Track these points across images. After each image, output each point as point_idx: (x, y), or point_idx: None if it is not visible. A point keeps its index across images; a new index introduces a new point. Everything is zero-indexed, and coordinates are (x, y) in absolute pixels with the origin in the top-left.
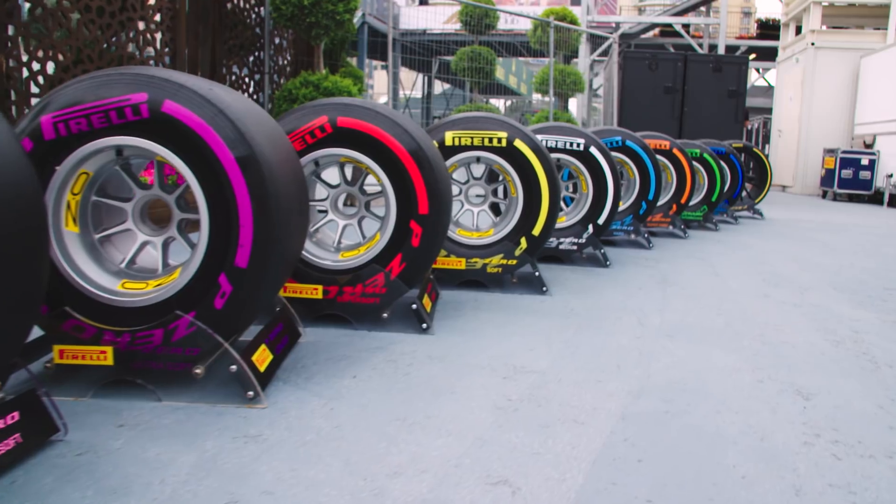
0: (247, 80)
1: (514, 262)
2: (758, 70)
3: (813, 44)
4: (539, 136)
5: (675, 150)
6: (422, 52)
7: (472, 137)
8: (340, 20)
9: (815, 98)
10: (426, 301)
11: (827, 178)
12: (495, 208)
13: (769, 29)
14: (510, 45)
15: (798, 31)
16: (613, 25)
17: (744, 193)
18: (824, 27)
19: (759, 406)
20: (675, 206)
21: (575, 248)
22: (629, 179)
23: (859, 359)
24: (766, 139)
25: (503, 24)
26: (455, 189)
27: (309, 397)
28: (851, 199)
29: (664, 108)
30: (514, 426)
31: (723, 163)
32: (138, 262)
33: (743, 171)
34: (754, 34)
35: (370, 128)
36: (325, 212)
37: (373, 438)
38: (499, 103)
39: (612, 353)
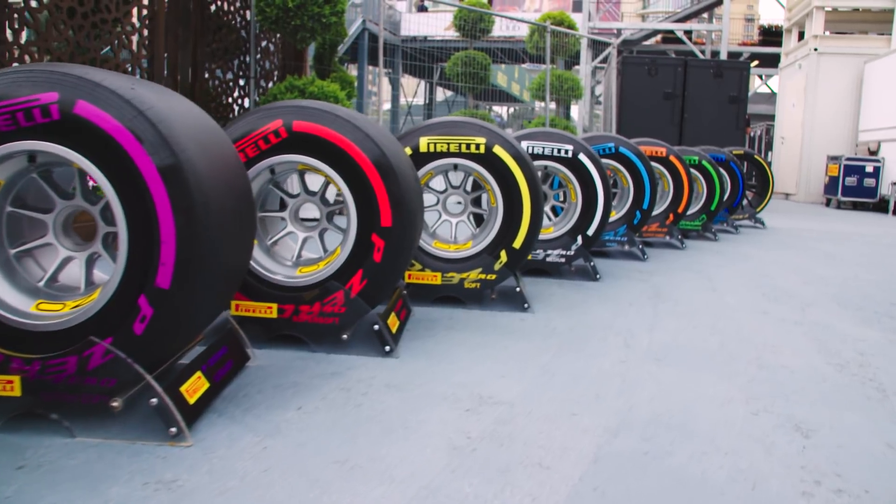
0: (231, 84)
1: (494, 276)
2: (760, 77)
3: (816, 49)
4: (525, 143)
5: (671, 157)
6: (423, 58)
7: (448, 143)
8: (327, 23)
9: (819, 104)
10: (392, 321)
11: (831, 186)
12: (480, 219)
13: (772, 35)
14: (511, 51)
15: (801, 36)
16: (615, 32)
17: (744, 202)
18: (827, 33)
19: (752, 445)
20: (671, 216)
21: (563, 260)
22: (623, 188)
23: (865, 386)
24: (769, 146)
25: (505, 30)
26: (432, 198)
27: (242, 433)
28: (856, 206)
29: (664, 114)
30: (469, 471)
31: (722, 170)
32: (61, 280)
33: (743, 178)
34: (757, 41)
35: (329, 133)
36: (285, 223)
37: (304, 485)
38: (501, 110)
39: (591, 380)
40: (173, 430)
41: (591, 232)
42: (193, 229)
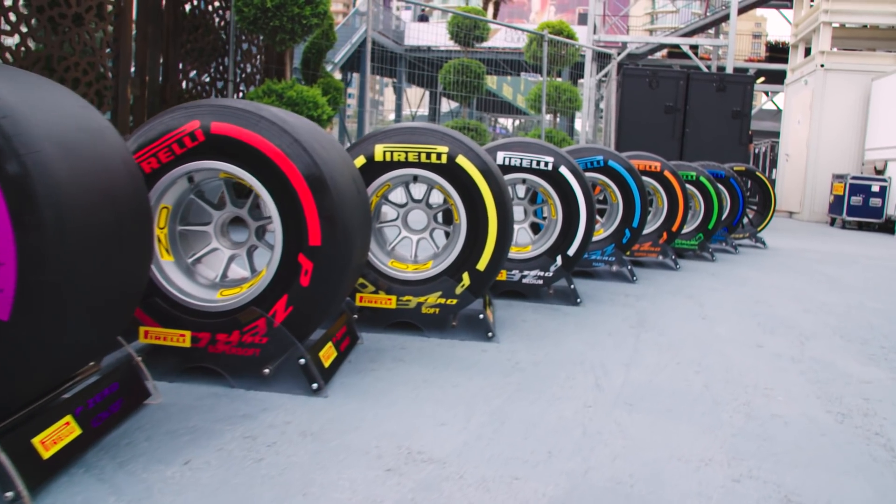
0: (208, 87)
1: (455, 301)
2: (766, 93)
3: (822, 65)
4: (501, 154)
5: (666, 173)
6: (427, 67)
7: (406, 152)
8: (307, 25)
9: (824, 121)
10: (327, 352)
11: (836, 205)
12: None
13: (778, 52)
14: (516, 62)
15: (807, 52)
16: (620, 45)
17: (745, 221)
18: (834, 49)
19: None
20: (665, 234)
21: (540, 282)
22: (612, 204)
23: (870, 443)
24: (774, 163)
25: (509, 41)
26: (392, 213)
27: (102, 497)
28: (861, 227)
29: (664, 128)
30: None
31: (722, 187)
32: None
33: (744, 196)
34: (763, 57)
35: (250, 137)
36: (210, 238)
37: None
38: (507, 122)
39: (547, 431)
40: (9, 494)
41: (571, 252)
42: (42, 250)
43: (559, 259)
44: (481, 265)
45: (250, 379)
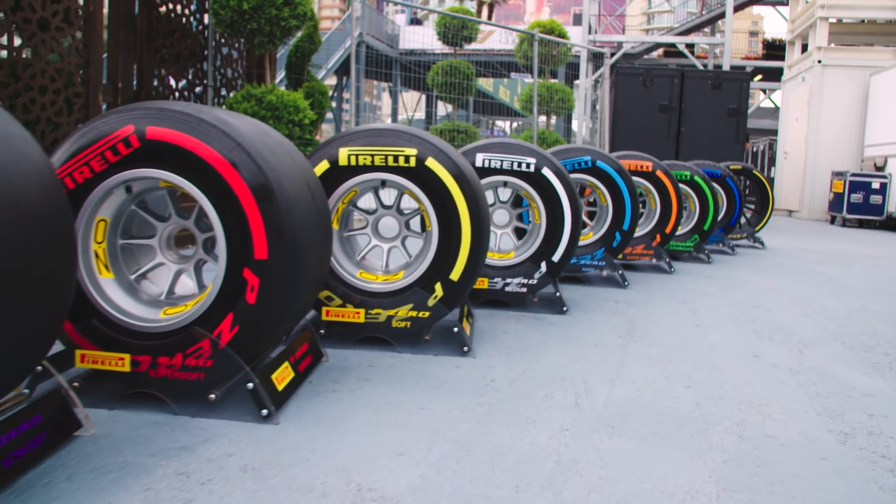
0: (186, 93)
1: (427, 314)
2: (764, 91)
3: (820, 61)
4: (480, 155)
5: (658, 173)
6: (421, 71)
7: (372, 155)
8: (287, 27)
9: (823, 118)
10: (282, 374)
11: (835, 203)
12: None
13: (776, 49)
14: (511, 64)
15: (804, 48)
16: (616, 45)
17: (742, 220)
18: (832, 45)
19: None
20: (658, 237)
21: (524, 290)
22: (601, 206)
23: (876, 468)
24: (772, 161)
25: (503, 43)
26: (361, 220)
27: None
28: (862, 224)
29: (659, 127)
30: None
31: (718, 187)
32: None
33: (741, 195)
34: (760, 55)
35: (190, 142)
36: (155, 252)
37: None
38: (505, 125)
39: (518, 459)
40: None
41: (556, 257)
42: None
43: (543, 265)
44: (455, 275)
45: (195, 405)
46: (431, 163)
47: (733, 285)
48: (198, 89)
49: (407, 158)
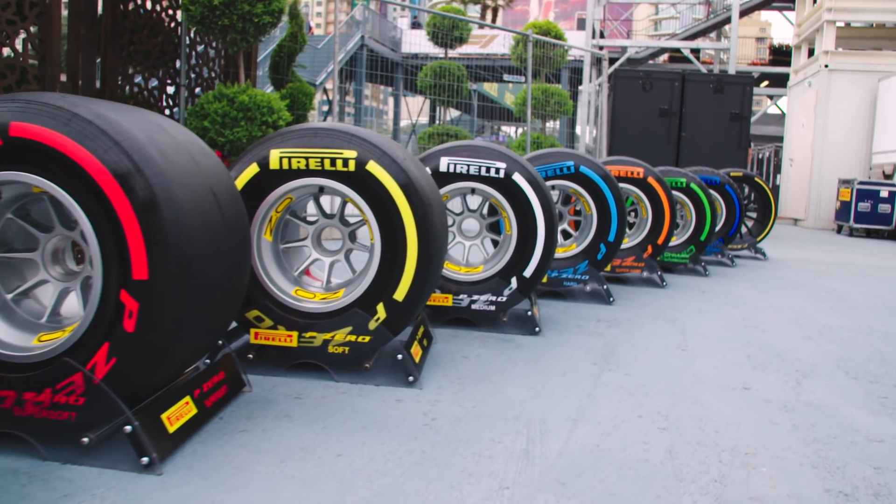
0: (157, 92)
1: (367, 338)
2: (770, 97)
3: (826, 66)
4: (445, 159)
5: (649, 179)
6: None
7: (307, 157)
8: (261, 23)
9: (830, 124)
10: (177, 412)
11: (842, 212)
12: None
13: (782, 55)
14: (516, 68)
15: (811, 53)
16: (620, 50)
17: (743, 230)
18: (839, 49)
19: None
20: (650, 248)
21: (493, 308)
22: (585, 215)
23: None
24: (778, 169)
25: (507, 47)
26: (303, 230)
27: None
28: (869, 234)
29: (659, 132)
30: None
31: (716, 194)
32: None
33: (741, 204)
34: (767, 61)
35: (59, 140)
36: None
37: None
38: (510, 130)
39: None
40: None
41: (529, 272)
42: None
43: (514, 281)
44: (399, 295)
45: (67, 449)
46: (373, 167)
47: (729, 301)
48: (171, 89)
49: (345, 162)
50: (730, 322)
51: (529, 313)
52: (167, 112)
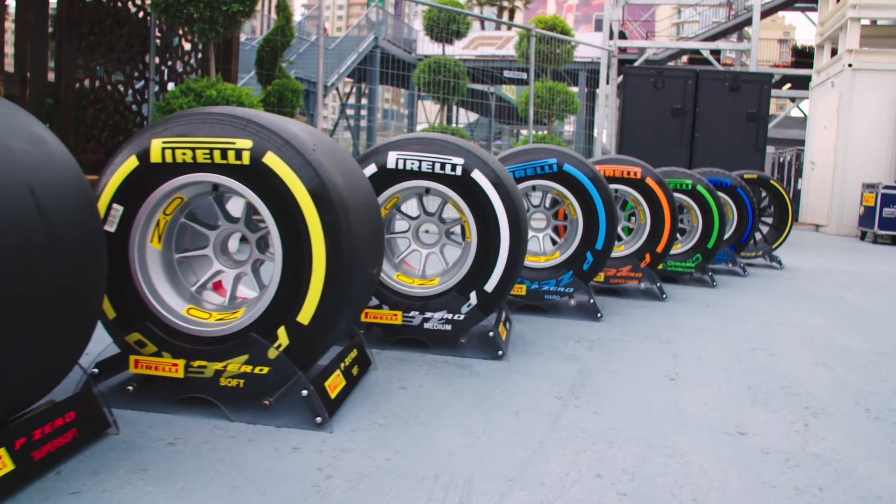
0: (124, 86)
1: (266, 369)
2: (792, 100)
3: (850, 65)
4: (393, 154)
5: (648, 180)
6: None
7: (193, 149)
8: (230, 12)
9: (853, 126)
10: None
11: (866, 217)
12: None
13: (805, 56)
14: (525, 69)
15: (834, 52)
16: (638, 52)
17: (758, 237)
18: (864, 48)
19: None
20: (648, 256)
21: (448, 327)
22: (571, 220)
23: None
24: (799, 173)
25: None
26: (207, 237)
27: None
28: (895, 241)
29: (671, 133)
30: None
31: (727, 198)
32: None
33: (754, 208)
34: (790, 62)
35: None
36: None
37: None
38: (528, 133)
39: None
40: None
41: (490, 287)
42: None
43: (474, 296)
44: (304, 317)
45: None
46: (271, 159)
47: (735, 317)
48: (139, 84)
49: (238, 153)
50: (732, 343)
51: (492, 334)
52: (134, 108)
